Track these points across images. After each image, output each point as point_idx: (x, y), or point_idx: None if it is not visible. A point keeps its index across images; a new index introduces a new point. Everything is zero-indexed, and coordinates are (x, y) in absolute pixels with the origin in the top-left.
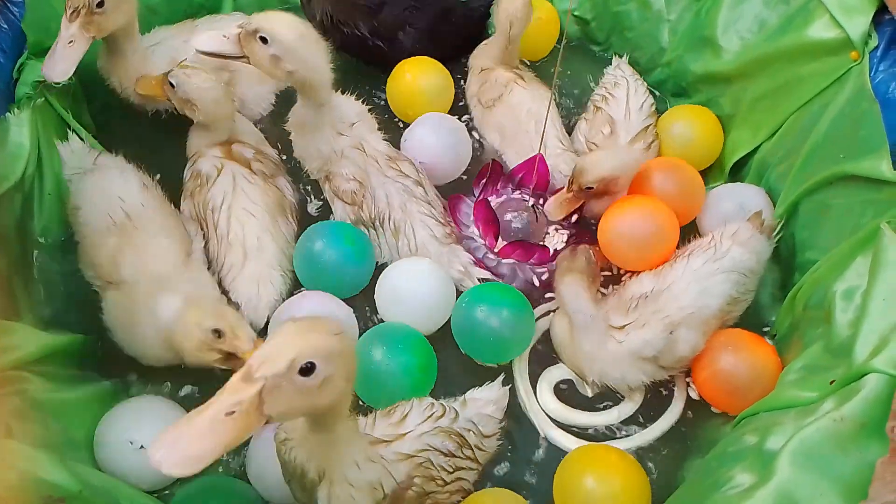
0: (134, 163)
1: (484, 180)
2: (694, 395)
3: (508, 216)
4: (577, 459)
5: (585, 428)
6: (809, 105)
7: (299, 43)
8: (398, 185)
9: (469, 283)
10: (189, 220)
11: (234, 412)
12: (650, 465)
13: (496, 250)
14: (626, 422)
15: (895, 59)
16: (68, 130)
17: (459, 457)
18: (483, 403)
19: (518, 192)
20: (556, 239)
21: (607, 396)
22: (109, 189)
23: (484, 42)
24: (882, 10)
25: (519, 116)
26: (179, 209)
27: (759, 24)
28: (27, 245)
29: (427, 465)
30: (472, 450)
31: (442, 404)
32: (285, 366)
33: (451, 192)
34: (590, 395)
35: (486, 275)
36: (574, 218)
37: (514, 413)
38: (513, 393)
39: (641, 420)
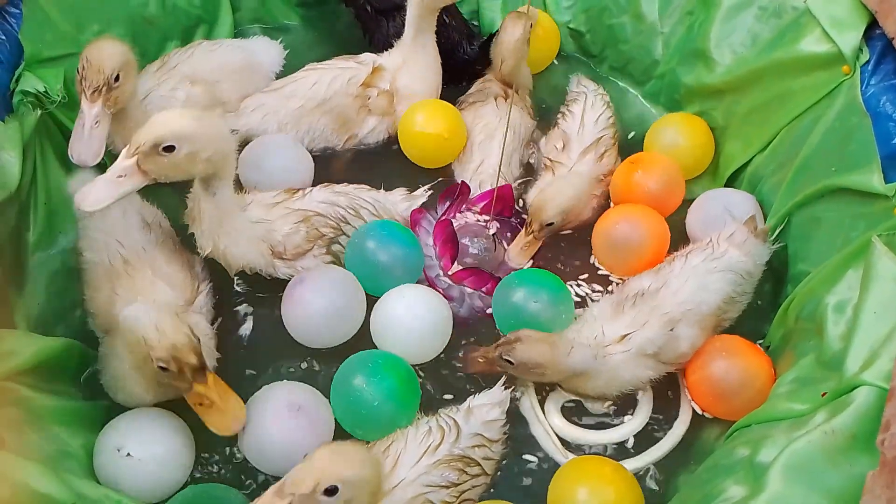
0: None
1: (449, 200)
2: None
3: (466, 241)
4: (571, 471)
5: (596, 445)
6: (801, 118)
7: (201, 124)
8: (328, 189)
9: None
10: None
11: None
12: (643, 477)
13: (450, 273)
14: (636, 437)
15: (886, 73)
16: None
17: (465, 479)
18: (488, 409)
19: (481, 218)
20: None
21: (617, 412)
22: (110, 232)
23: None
24: (873, 24)
25: (475, 126)
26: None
27: (751, 38)
28: (22, 254)
29: None
30: (479, 465)
31: (441, 426)
32: (310, 488)
33: None
34: (601, 410)
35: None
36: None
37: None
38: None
39: (648, 436)
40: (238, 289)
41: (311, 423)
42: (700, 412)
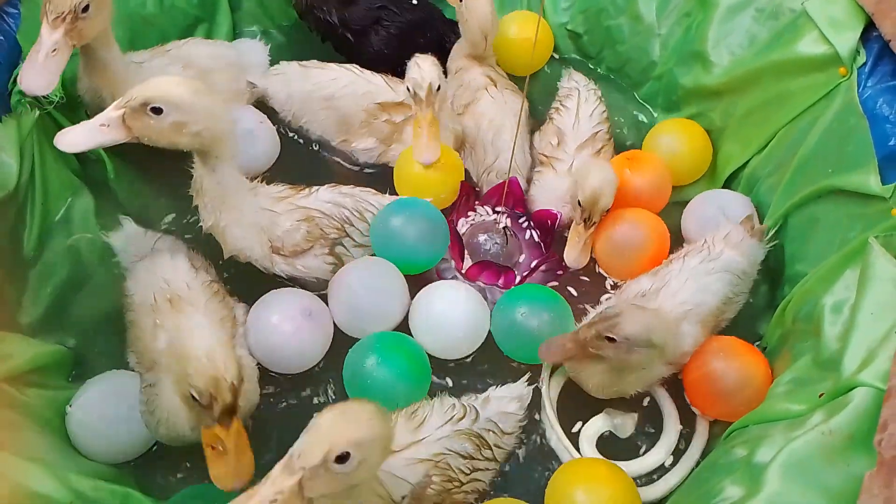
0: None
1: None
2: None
3: (482, 238)
4: (568, 472)
5: (636, 476)
6: (798, 120)
7: (197, 98)
8: (335, 190)
9: None
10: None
11: (276, 500)
12: (640, 478)
13: (463, 271)
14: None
15: (883, 75)
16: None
17: (478, 458)
18: (507, 401)
19: (493, 214)
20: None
21: (646, 439)
22: (157, 272)
23: (457, 43)
24: (870, 26)
25: (480, 125)
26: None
27: (748, 40)
28: (19, 255)
29: (444, 466)
30: (491, 450)
31: (463, 404)
32: (321, 458)
33: None
34: (629, 432)
35: None
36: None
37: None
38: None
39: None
40: None
41: (322, 328)
42: (700, 415)
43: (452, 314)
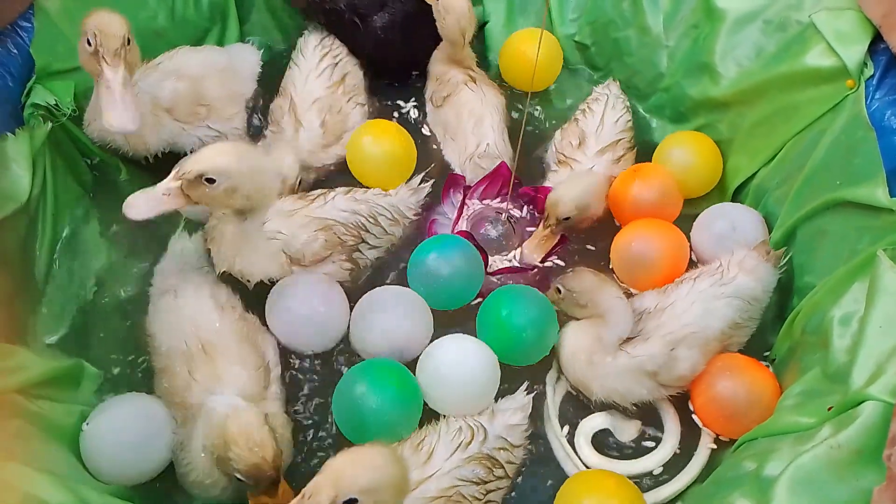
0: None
1: (453, 199)
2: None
3: (485, 229)
4: (577, 485)
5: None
6: (806, 131)
7: (243, 164)
8: (349, 197)
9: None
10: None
11: None
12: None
13: (490, 271)
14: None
15: (890, 88)
16: None
17: (490, 480)
18: (511, 413)
19: (486, 201)
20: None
21: (642, 447)
22: (183, 313)
23: (437, 48)
24: (877, 38)
25: (461, 115)
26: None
27: (756, 52)
28: (31, 267)
29: (457, 498)
30: (503, 467)
31: (470, 425)
32: (329, 501)
33: None
34: (631, 437)
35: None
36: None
37: None
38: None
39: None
40: None
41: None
42: (715, 436)
43: (461, 371)
